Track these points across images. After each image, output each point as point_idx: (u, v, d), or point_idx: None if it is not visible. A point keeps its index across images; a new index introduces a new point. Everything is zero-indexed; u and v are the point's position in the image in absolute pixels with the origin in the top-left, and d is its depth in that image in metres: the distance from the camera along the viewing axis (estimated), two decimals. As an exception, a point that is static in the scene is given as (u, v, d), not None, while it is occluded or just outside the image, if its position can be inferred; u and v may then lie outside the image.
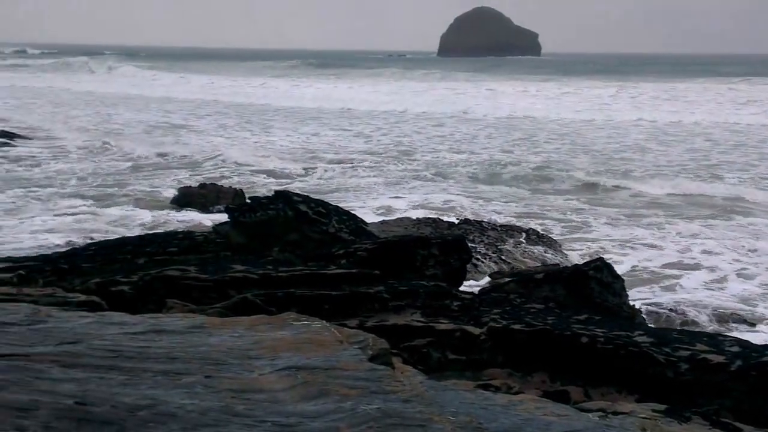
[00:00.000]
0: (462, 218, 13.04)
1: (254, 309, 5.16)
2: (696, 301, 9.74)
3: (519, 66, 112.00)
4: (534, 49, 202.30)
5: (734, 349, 5.15)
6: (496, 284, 7.10)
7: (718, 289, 10.48)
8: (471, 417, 2.65)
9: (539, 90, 52.61)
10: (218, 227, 7.93)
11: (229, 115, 35.67)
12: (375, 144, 25.94)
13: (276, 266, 6.10)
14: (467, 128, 31.18)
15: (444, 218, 12.90)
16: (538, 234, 12.13)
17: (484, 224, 12.22)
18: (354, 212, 9.16)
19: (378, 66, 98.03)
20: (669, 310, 9.28)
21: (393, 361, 3.37)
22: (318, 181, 18.65)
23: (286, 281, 5.76)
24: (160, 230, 11.81)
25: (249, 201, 8.53)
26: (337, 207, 8.38)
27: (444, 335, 5.55)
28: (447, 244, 7.00)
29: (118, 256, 6.69)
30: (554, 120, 34.43)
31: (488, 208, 15.58)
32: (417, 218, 12.54)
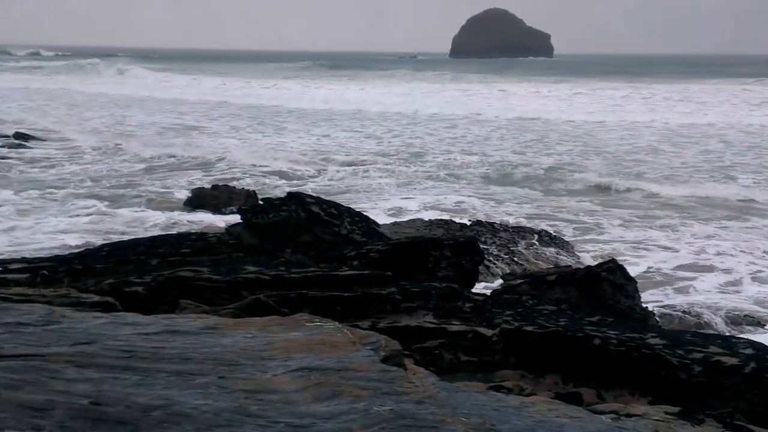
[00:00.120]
0: (474, 220, 13.02)
1: (267, 310, 5.17)
2: (710, 304, 9.69)
3: (531, 67, 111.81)
4: (546, 50, 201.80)
5: (748, 352, 5.12)
6: (509, 286, 7.09)
7: (733, 292, 10.42)
8: (483, 419, 2.65)
9: (551, 91, 52.51)
10: (231, 228, 7.95)
11: (242, 117, 35.76)
12: (387, 145, 25.95)
13: (288, 267, 6.11)
14: (479, 129, 31.13)
15: (456, 220, 12.90)
16: (551, 236, 12.10)
17: (497, 226, 12.21)
18: (366, 213, 9.17)
19: (390, 67, 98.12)
20: (682, 313, 9.24)
21: (405, 363, 3.37)
22: (330, 183, 18.69)
23: (299, 282, 5.77)
24: (173, 231, 11.87)
25: (261, 202, 8.56)
26: (350, 208, 8.39)
27: (456, 337, 5.55)
28: (459, 246, 7.00)
29: (132, 257, 6.72)
30: (566, 121, 34.31)
31: (500, 210, 15.56)
32: (429, 219, 12.55)
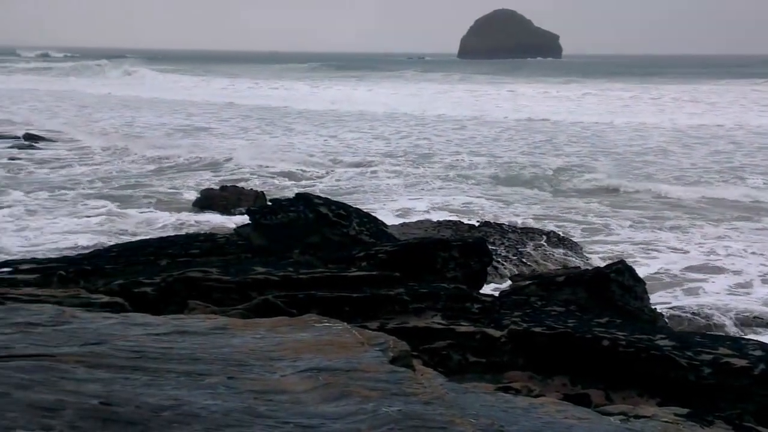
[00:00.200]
0: (482, 221, 13.01)
1: (275, 310, 5.18)
2: (720, 305, 9.64)
3: (540, 68, 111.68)
4: (555, 51, 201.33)
5: (757, 353, 5.11)
6: (517, 287, 7.09)
7: (743, 293, 10.37)
8: (492, 420, 2.65)
9: (560, 92, 52.39)
10: (240, 229, 7.98)
11: (250, 118, 35.82)
12: (395, 146, 25.94)
13: (297, 268, 6.12)
14: (487, 130, 31.08)
15: (464, 220, 12.89)
16: (559, 237, 12.07)
17: (505, 227, 12.19)
18: (374, 214, 9.18)
19: (398, 68, 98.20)
20: (692, 314, 9.20)
21: (414, 364, 3.37)
22: (338, 183, 18.70)
23: (307, 283, 5.78)
24: (182, 232, 11.91)
25: (270, 203, 8.59)
26: (358, 209, 8.40)
27: (464, 338, 5.55)
28: (467, 247, 7.00)
29: (141, 258, 6.75)
30: (575, 122, 34.21)
31: (509, 211, 15.53)
32: (437, 220, 12.54)
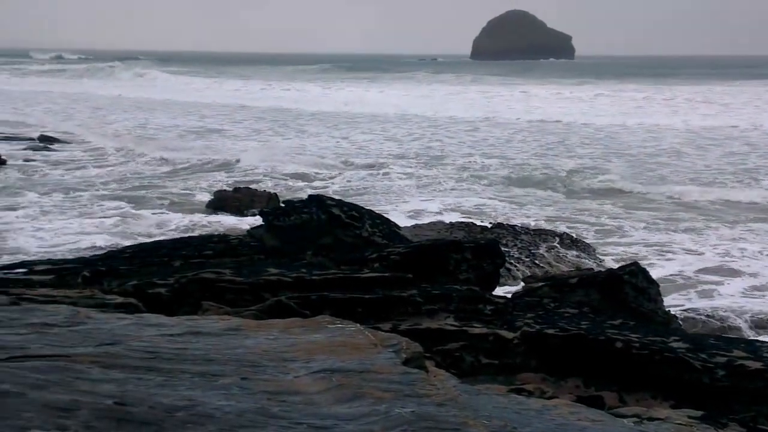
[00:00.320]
0: (495, 222, 12.99)
1: (288, 312, 5.20)
2: (735, 308, 9.58)
3: (552, 69, 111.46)
4: (568, 52, 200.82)
5: (773, 356, 5.07)
6: (530, 288, 7.08)
7: (758, 295, 10.30)
8: (505, 421, 2.65)
9: (573, 92, 52.23)
10: (253, 231, 8.01)
11: (263, 120, 35.92)
12: (407, 148, 25.94)
13: (310, 269, 6.13)
14: (500, 132, 31.03)
15: (477, 222, 12.87)
16: (572, 238, 12.04)
17: (518, 228, 12.17)
18: (386, 216, 9.19)
19: (410, 69, 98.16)
20: (706, 316, 9.15)
21: (426, 365, 3.37)
22: (350, 185, 18.72)
23: (320, 284, 5.79)
24: (196, 233, 11.96)
25: (283, 205, 8.62)
26: (370, 211, 8.41)
27: (477, 339, 5.54)
28: (480, 248, 6.99)
29: (155, 259, 6.78)
30: (588, 123, 34.10)
31: (521, 212, 15.50)
32: (450, 222, 12.53)
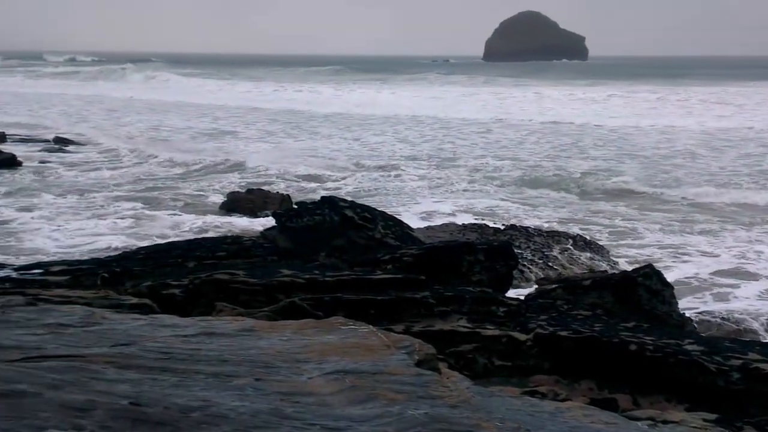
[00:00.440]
0: (508, 224, 12.96)
1: (302, 313, 5.21)
2: (751, 310, 9.51)
3: (565, 70, 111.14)
4: (581, 53, 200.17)
5: (788, 359, 5.04)
6: (543, 290, 7.06)
7: (774, 299, 10.23)
8: (518, 423, 2.64)
9: (586, 93, 52.07)
10: (266, 232, 8.03)
11: (275, 122, 36.00)
12: (419, 149, 25.94)
13: (323, 271, 6.15)
14: (513, 133, 30.96)
15: (489, 224, 12.85)
16: (586, 240, 11.99)
17: (531, 230, 12.14)
18: (398, 217, 9.18)
19: (422, 71, 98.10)
20: (721, 319, 9.09)
21: (439, 367, 3.37)
22: (362, 187, 18.73)
23: (333, 286, 5.80)
24: (209, 235, 12.01)
25: (296, 206, 8.63)
26: (383, 212, 8.41)
27: (490, 341, 5.54)
28: (493, 250, 6.98)
29: (169, 260, 6.81)
30: (601, 125, 33.97)
31: (534, 214, 15.46)
32: (463, 224, 12.52)
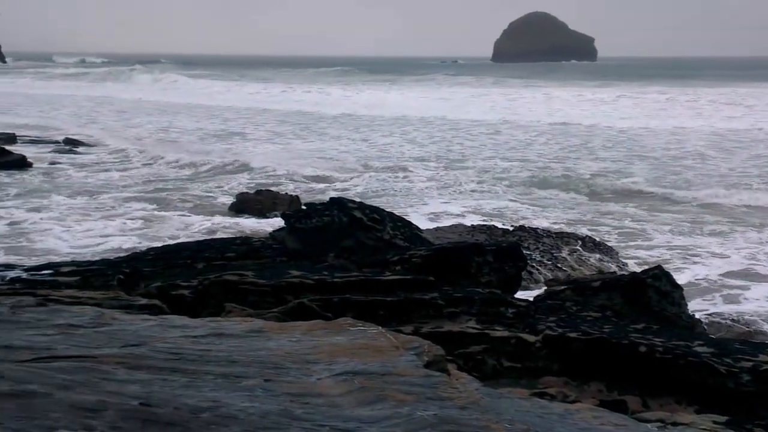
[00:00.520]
0: (517, 225, 12.94)
1: (311, 314, 5.22)
2: (762, 312, 9.47)
3: (575, 71, 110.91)
4: (590, 54, 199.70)
5: (799, 361, 5.02)
6: (552, 292, 7.05)
7: (786, 300, 10.17)
8: (528, 425, 2.64)
9: (595, 94, 51.93)
10: (275, 233, 8.05)
11: (284, 123, 36.06)
12: (427, 150, 25.93)
13: (332, 272, 6.15)
14: (522, 134, 30.91)
15: (498, 225, 12.83)
16: (595, 242, 11.95)
17: (539, 231, 12.11)
18: (407, 218, 9.19)
19: (431, 72, 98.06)
20: (731, 321, 9.05)
21: (448, 368, 3.37)
22: (371, 187, 18.73)
23: (342, 287, 5.81)
24: (218, 236, 12.03)
25: (304, 207, 8.65)
26: (392, 213, 8.42)
27: (499, 342, 5.53)
28: (502, 251, 6.97)
29: (178, 261, 6.83)
30: (610, 126, 33.88)
31: (543, 215, 15.43)
32: (472, 225, 12.50)
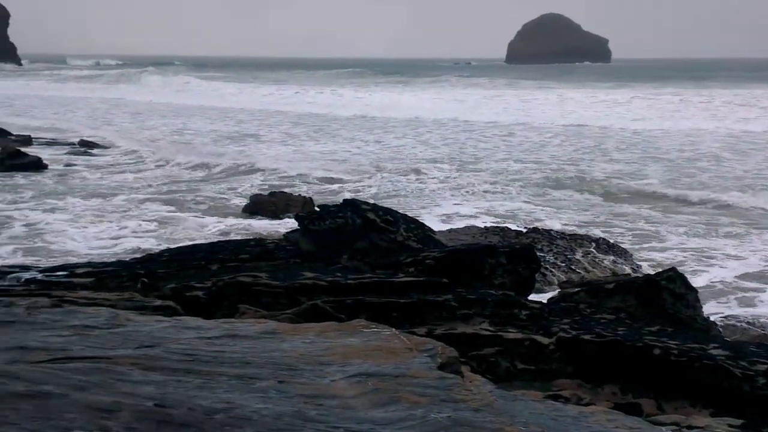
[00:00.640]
0: (530, 227, 12.90)
1: (324, 315, 5.23)
2: (777, 315, 9.39)
3: (588, 72, 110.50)
4: (604, 55, 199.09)
5: (816, 364, 4.98)
6: (566, 294, 7.03)
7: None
8: (542, 428, 2.63)
9: (609, 96, 51.70)
10: (288, 235, 8.07)
11: (297, 125, 36.13)
12: (440, 152, 25.90)
13: (345, 274, 6.16)
14: (536, 136, 30.82)
15: (511, 227, 12.79)
16: (609, 243, 11.89)
17: (553, 233, 12.06)
18: (420, 220, 9.18)
19: (444, 73, 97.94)
20: (747, 323, 8.99)
21: (462, 370, 3.37)
22: (384, 189, 18.72)
23: (355, 288, 5.81)
24: (232, 237, 12.07)
25: (318, 209, 8.66)
26: (405, 215, 8.42)
27: (513, 344, 5.52)
28: (515, 253, 6.96)
29: (192, 262, 6.87)
30: (624, 127, 33.73)
31: (556, 217, 15.38)
32: (485, 226, 12.47)
